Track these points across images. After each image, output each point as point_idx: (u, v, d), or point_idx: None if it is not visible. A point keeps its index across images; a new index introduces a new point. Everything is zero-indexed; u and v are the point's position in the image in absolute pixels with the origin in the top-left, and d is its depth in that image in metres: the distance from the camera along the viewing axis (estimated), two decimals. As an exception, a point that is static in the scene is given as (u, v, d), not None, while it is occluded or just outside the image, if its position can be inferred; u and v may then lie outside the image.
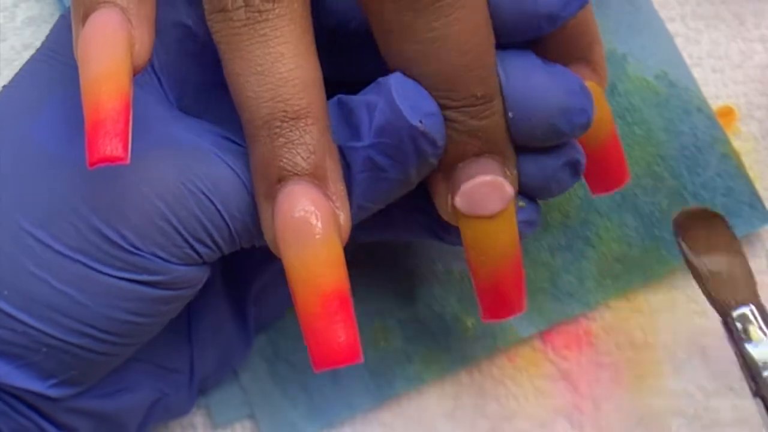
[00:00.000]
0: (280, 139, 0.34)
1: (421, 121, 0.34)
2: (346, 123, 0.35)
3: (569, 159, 0.37)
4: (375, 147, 0.34)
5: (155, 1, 0.34)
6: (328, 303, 0.33)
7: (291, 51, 0.34)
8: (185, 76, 0.38)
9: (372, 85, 0.35)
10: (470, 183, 0.35)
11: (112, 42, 0.32)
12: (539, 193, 0.37)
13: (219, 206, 0.35)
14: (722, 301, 0.35)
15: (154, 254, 0.34)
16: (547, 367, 0.44)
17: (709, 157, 0.45)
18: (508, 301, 0.37)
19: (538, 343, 0.45)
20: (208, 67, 0.36)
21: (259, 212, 0.35)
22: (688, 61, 0.47)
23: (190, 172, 0.34)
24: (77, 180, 0.34)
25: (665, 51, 0.46)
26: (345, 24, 0.37)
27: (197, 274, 0.36)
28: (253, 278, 0.42)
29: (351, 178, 0.35)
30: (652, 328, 0.45)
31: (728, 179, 0.45)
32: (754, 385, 0.35)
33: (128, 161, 0.31)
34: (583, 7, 0.36)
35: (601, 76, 0.39)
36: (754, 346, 0.35)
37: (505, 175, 0.36)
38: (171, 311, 0.36)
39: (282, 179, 0.34)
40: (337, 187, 0.34)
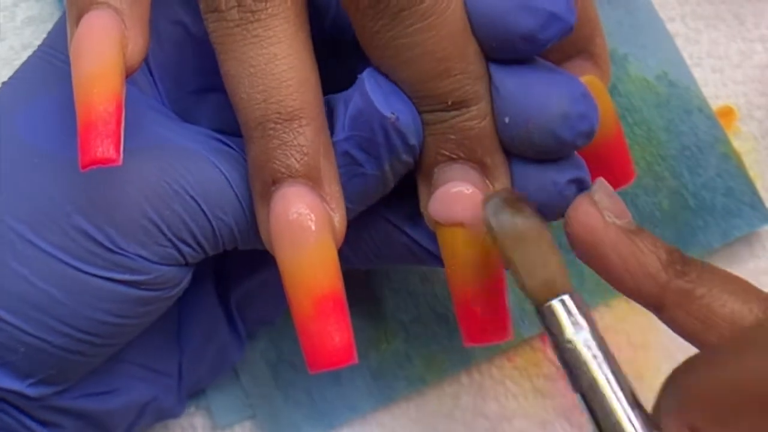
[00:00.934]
0: (274, 140, 0.34)
1: (393, 113, 0.34)
2: (329, 120, 0.35)
3: (574, 176, 0.35)
4: (350, 140, 0.34)
5: (149, 2, 0.34)
6: (322, 305, 0.33)
7: (284, 51, 0.34)
8: (182, 76, 0.37)
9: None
10: (440, 189, 0.35)
11: (105, 43, 0.32)
12: (545, 210, 0.35)
13: (203, 206, 0.35)
14: (538, 292, 0.34)
15: (137, 253, 0.34)
16: (546, 367, 0.44)
17: (710, 157, 0.45)
18: (487, 322, 0.36)
19: (537, 343, 0.45)
20: (206, 67, 0.36)
21: (255, 213, 0.35)
22: (688, 61, 0.47)
23: (175, 171, 0.34)
24: (62, 177, 0.34)
25: (666, 51, 0.46)
26: (342, 34, 0.37)
27: (178, 275, 0.36)
28: (240, 281, 0.41)
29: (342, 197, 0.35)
30: (651, 328, 0.45)
31: (729, 179, 0.45)
32: (572, 379, 0.34)
33: (120, 163, 0.31)
34: (568, 33, 0.34)
35: (604, 69, 0.39)
36: (571, 337, 0.34)
37: (484, 184, 0.35)
38: (151, 313, 0.36)
39: (276, 181, 0.34)
40: (332, 189, 0.34)
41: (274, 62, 0.34)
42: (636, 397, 0.34)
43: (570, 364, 0.33)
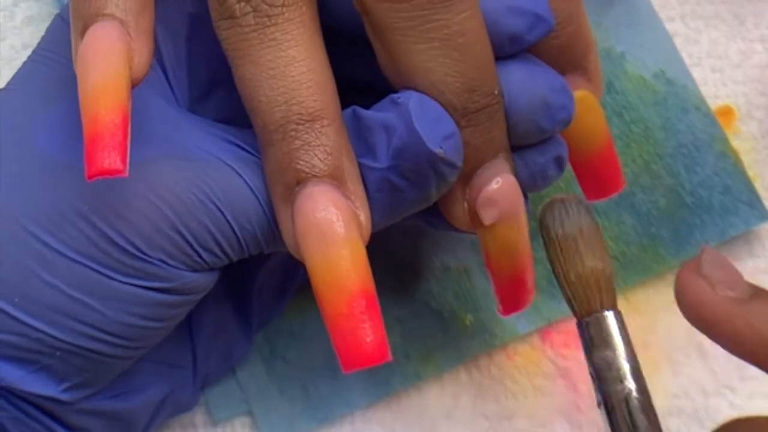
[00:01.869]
0: (297, 141, 0.33)
1: (441, 147, 0.34)
2: (361, 139, 0.35)
3: (555, 154, 0.37)
4: (392, 169, 0.34)
5: (153, 14, 0.34)
6: (354, 303, 0.33)
7: (302, 54, 0.34)
8: (195, 69, 0.38)
9: (387, 101, 0.35)
10: (493, 188, 0.36)
11: (110, 55, 0.32)
12: (525, 188, 0.37)
13: (228, 216, 0.35)
14: (583, 305, 0.34)
15: (163, 261, 0.34)
16: (546, 366, 0.44)
17: (707, 156, 0.45)
18: (526, 292, 0.38)
19: (537, 342, 0.45)
20: (218, 58, 0.36)
21: (276, 216, 0.35)
22: (688, 60, 0.47)
23: (201, 181, 0.34)
24: (87, 187, 0.34)
25: (663, 49, 0.46)
26: (352, 28, 0.36)
27: (206, 280, 0.36)
28: (254, 274, 0.42)
29: (366, 196, 0.35)
30: (651, 327, 0.45)
31: (726, 177, 0.45)
32: (600, 394, 0.34)
33: (127, 174, 0.31)
34: (549, 33, 0.35)
35: (597, 85, 0.39)
36: (606, 354, 0.34)
37: (513, 169, 0.36)
38: (181, 314, 0.37)
39: (300, 182, 0.34)
40: (356, 187, 0.34)
41: (293, 64, 0.33)
42: (659, 424, 0.34)
43: (598, 380, 0.34)
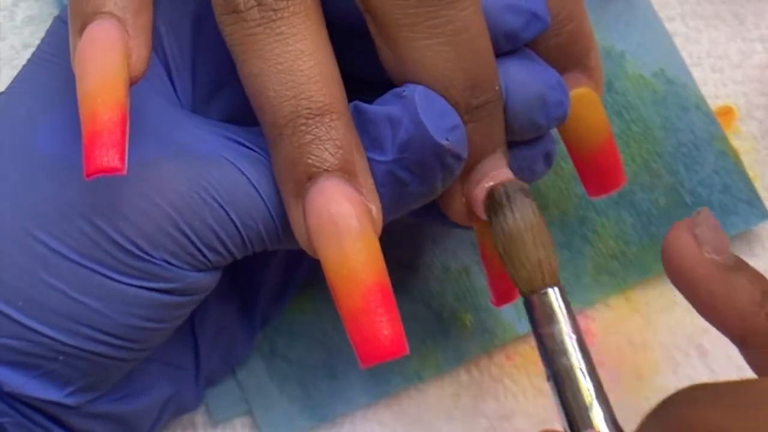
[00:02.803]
0: (307, 136, 0.33)
1: (447, 138, 0.33)
2: (365, 133, 0.34)
3: (544, 150, 0.37)
4: (398, 162, 0.34)
5: (152, 12, 0.34)
6: (370, 297, 0.33)
7: (310, 47, 0.33)
8: (200, 71, 0.38)
9: (390, 95, 0.35)
10: (492, 185, 0.36)
11: (108, 53, 0.32)
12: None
13: (232, 214, 0.34)
14: (528, 281, 0.34)
15: (167, 262, 0.34)
16: (546, 366, 0.45)
17: (707, 154, 0.45)
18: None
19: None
20: (223, 57, 0.36)
21: (287, 212, 0.34)
22: (688, 60, 0.47)
23: (204, 180, 0.34)
24: (88, 188, 0.34)
25: (663, 48, 0.46)
26: (351, 21, 0.36)
27: (210, 279, 0.36)
28: (257, 274, 0.42)
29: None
30: (650, 327, 0.45)
31: (725, 176, 0.45)
32: (549, 369, 0.34)
33: (125, 172, 0.31)
34: (545, 31, 0.36)
35: (597, 82, 0.39)
36: (552, 328, 0.34)
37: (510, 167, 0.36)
38: (184, 315, 0.37)
39: (311, 177, 0.33)
40: (367, 181, 0.34)
41: (301, 59, 0.33)
42: (604, 392, 0.34)
43: (544, 354, 0.34)
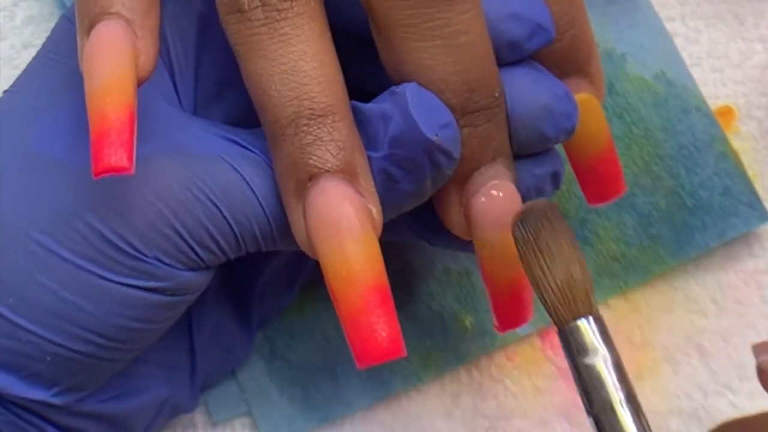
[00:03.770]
0: (308, 136, 0.33)
1: (437, 135, 0.33)
2: (362, 131, 0.34)
3: (552, 169, 0.37)
4: (389, 158, 0.34)
5: (159, 13, 0.34)
6: (369, 298, 0.33)
7: (313, 48, 0.33)
8: (205, 73, 0.37)
9: (385, 93, 0.34)
10: (491, 194, 0.35)
11: (116, 53, 0.32)
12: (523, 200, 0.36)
13: (225, 213, 0.34)
14: (560, 313, 0.33)
15: (159, 260, 0.34)
16: (546, 366, 0.44)
17: (708, 157, 0.45)
18: (523, 308, 0.37)
19: (537, 342, 0.45)
20: (228, 59, 0.35)
21: (287, 212, 0.34)
22: (688, 60, 0.47)
23: (197, 178, 0.34)
24: (82, 186, 0.34)
25: (664, 50, 0.46)
26: (358, 30, 0.36)
27: (202, 278, 0.36)
28: (255, 277, 0.42)
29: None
30: (650, 327, 0.45)
31: (726, 178, 0.45)
32: (588, 403, 0.33)
33: (133, 171, 0.31)
34: (549, 43, 0.35)
35: (598, 88, 0.39)
36: (588, 360, 0.33)
37: (514, 178, 0.36)
38: (174, 315, 0.37)
39: (313, 177, 0.33)
40: (368, 183, 0.34)
41: (304, 59, 0.33)
42: (646, 421, 0.33)
43: (584, 387, 0.33)
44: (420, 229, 0.38)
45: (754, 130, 0.47)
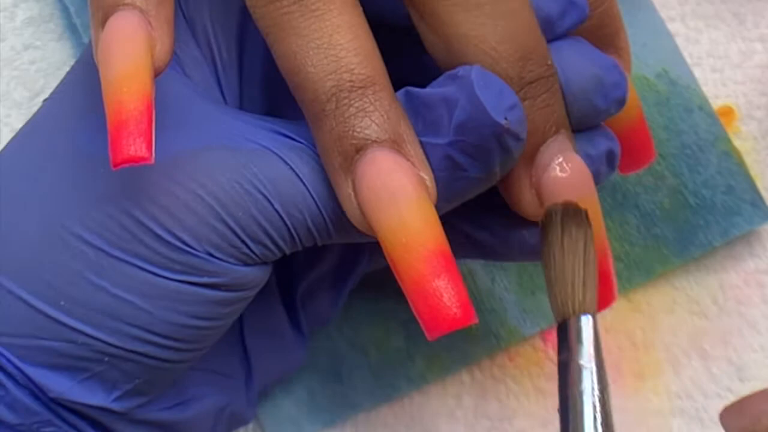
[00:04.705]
0: (351, 109, 0.32)
1: (506, 118, 0.32)
2: (419, 117, 0.34)
3: (607, 148, 0.36)
4: (455, 145, 0.33)
5: (173, 4, 0.34)
6: (433, 262, 0.32)
7: (347, 21, 0.33)
8: (247, 66, 0.37)
9: (444, 77, 0.34)
10: (563, 167, 0.34)
11: (132, 43, 0.32)
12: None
13: (276, 205, 0.34)
14: (557, 306, 0.33)
15: (210, 254, 0.34)
16: (548, 367, 0.44)
17: (710, 156, 0.45)
18: (611, 283, 0.37)
19: (539, 343, 0.45)
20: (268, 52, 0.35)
21: (335, 189, 0.33)
22: (688, 60, 0.47)
23: (247, 171, 0.34)
24: (128, 182, 0.34)
25: (666, 49, 0.46)
26: (394, 20, 0.36)
27: (258, 275, 0.35)
28: (299, 281, 0.41)
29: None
30: (652, 328, 0.45)
31: (729, 177, 0.45)
32: (559, 395, 0.33)
33: (152, 161, 0.31)
34: (582, 21, 0.35)
35: (627, 61, 0.38)
36: (571, 358, 0.33)
37: (577, 150, 0.35)
38: (233, 313, 0.36)
39: (360, 149, 0.33)
40: (417, 151, 0.33)
41: (339, 32, 0.33)
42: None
43: (560, 381, 0.33)
44: (479, 230, 0.38)
45: (755, 130, 0.47)
